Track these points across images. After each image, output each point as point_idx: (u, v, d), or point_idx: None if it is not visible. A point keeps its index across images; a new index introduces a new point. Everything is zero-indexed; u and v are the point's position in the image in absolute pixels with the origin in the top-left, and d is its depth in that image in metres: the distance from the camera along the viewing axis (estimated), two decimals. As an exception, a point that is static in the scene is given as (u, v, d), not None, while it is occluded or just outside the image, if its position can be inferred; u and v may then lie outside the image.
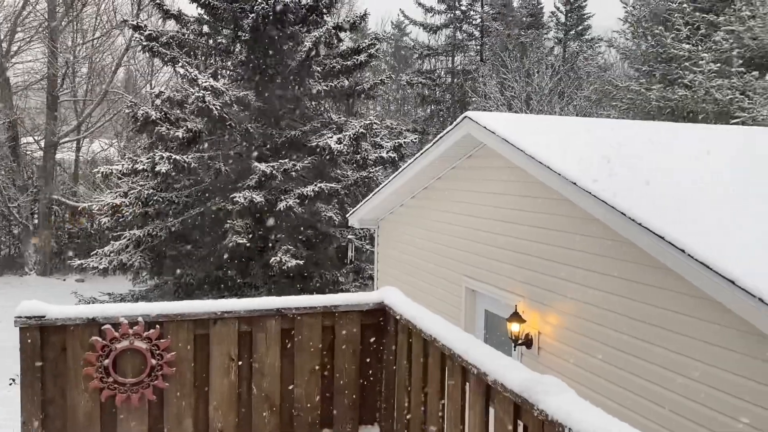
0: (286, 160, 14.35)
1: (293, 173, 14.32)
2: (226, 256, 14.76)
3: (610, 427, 2.17)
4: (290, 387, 4.02)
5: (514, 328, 6.45)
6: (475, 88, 26.28)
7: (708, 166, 6.67)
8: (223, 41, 16.10)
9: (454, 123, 7.47)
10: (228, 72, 16.68)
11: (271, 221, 14.87)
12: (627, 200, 5.00)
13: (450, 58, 30.82)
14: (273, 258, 13.73)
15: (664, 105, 18.82)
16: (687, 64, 18.11)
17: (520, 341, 6.49)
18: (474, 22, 30.43)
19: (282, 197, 14.28)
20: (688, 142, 8.02)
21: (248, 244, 14.27)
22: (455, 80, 29.96)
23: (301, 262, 13.92)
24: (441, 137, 7.77)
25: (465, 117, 7.21)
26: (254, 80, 15.96)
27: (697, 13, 18.88)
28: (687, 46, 18.29)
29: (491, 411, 2.87)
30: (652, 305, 4.98)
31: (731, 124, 15.91)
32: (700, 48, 18.11)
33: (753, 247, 4.61)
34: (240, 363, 3.92)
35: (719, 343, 4.39)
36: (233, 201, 13.86)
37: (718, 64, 17.24)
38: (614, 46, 24.54)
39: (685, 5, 18.98)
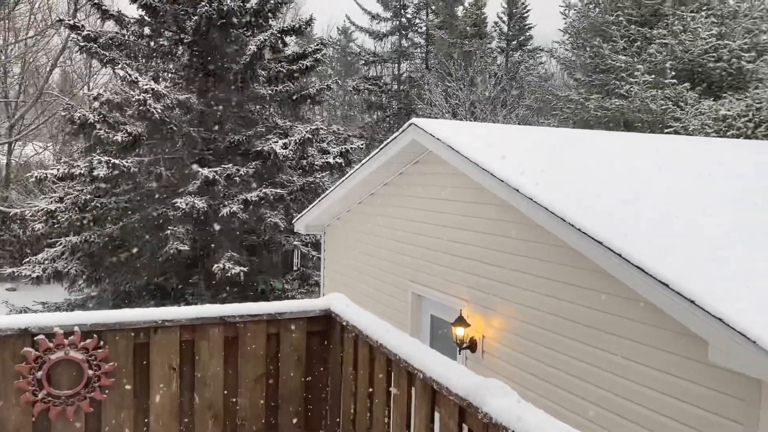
0: (230, 165, 14.12)
1: (237, 178, 14.10)
2: (167, 263, 14.40)
3: (553, 428, 2.21)
4: (234, 396, 3.95)
5: (459, 332, 6.52)
6: (420, 95, 26.53)
7: (651, 174, 6.91)
8: (165, 43, 15.72)
9: (401, 129, 7.52)
10: (170, 75, 16.31)
11: (213, 227, 14.60)
12: (567, 206, 5.13)
13: (396, 65, 31.03)
14: (216, 265, 13.47)
15: (601, 114, 19.47)
16: (623, 75, 18.80)
17: (464, 345, 6.56)
18: (419, 30, 30.74)
19: (225, 203, 14.04)
20: (627, 149, 8.30)
21: (190, 251, 13.96)
22: (401, 87, 30.18)
23: (245, 269, 13.70)
24: (387, 143, 7.81)
25: (411, 124, 7.28)
26: (197, 84, 15.68)
27: (633, 26, 19.63)
28: (623, 58, 18.98)
29: (437, 415, 2.89)
30: (591, 308, 5.12)
31: (665, 133, 16.58)
32: (635, 60, 18.83)
33: (684, 248, 4.80)
34: (182, 372, 3.82)
35: (656, 344, 4.54)
36: (174, 206, 13.54)
37: (653, 76, 17.96)
38: (555, 56, 25.23)
39: (621, 18, 19.71)
